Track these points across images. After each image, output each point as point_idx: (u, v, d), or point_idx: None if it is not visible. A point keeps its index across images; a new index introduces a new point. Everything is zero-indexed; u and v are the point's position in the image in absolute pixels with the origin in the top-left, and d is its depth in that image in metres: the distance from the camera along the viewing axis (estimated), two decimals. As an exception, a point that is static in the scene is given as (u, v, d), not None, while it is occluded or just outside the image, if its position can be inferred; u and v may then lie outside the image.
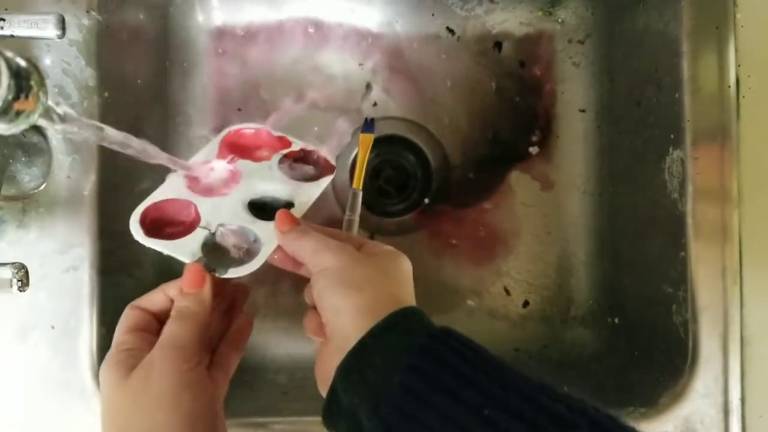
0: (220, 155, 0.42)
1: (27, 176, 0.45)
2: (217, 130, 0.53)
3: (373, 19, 0.60)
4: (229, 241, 0.38)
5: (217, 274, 0.36)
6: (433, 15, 0.60)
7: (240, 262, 0.37)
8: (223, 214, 0.39)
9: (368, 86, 0.60)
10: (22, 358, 0.44)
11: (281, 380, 0.56)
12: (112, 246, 0.46)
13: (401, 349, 0.30)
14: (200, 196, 0.40)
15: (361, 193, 0.47)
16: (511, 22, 0.60)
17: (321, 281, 0.33)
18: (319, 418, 0.32)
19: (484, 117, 0.60)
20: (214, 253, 0.37)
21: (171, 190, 0.40)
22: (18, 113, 0.25)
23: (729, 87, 0.45)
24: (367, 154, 0.51)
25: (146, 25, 0.55)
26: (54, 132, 0.42)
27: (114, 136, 0.33)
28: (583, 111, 0.60)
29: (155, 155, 0.35)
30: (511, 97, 0.60)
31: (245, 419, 0.47)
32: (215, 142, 0.43)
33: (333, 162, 0.43)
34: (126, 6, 0.51)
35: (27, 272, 0.35)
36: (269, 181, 0.42)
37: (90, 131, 0.31)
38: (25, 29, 0.35)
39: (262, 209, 0.40)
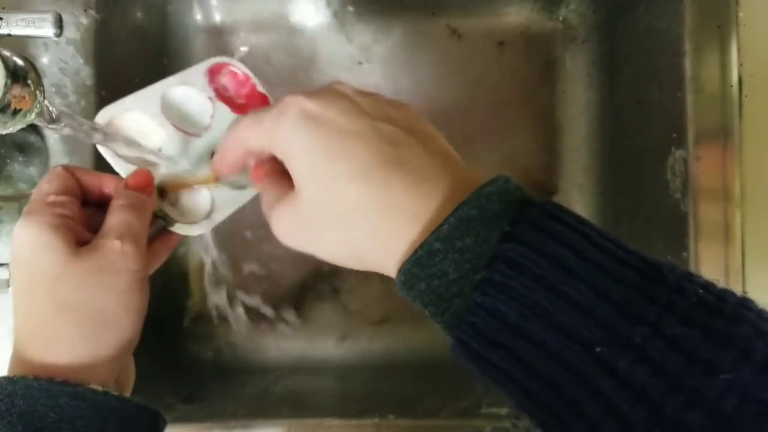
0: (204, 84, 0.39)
1: (24, 176, 0.44)
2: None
3: (373, 17, 0.60)
4: None
5: (164, 223, 0.34)
6: (433, 14, 0.59)
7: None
8: (189, 155, 0.37)
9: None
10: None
11: (274, 383, 0.56)
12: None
13: (476, 257, 0.24)
14: (171, 125, 0.36)
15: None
16: (512, 20, 0.60)
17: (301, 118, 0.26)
18: (313, 421, 0.31)
19: (485, 116, 0.60)
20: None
21: (144, 105, 0.36)
22: (15, 112, 0.25)
23: (731, 86, 0.45)
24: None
25: (144, 23, 0.54)
26: (50, 131, 0.42)
27: (109, 137, 0.32)
28: (584, 110, 0.60)
29: (149, 154, 0.35)
30: (512, 97, 0.60)
31: (238, 422, 0.46)
32: (200, 69, 0.40)
33: None
34: (124, 4, 0.50)
35: (24, 273, 0.34)
36: None
37: (84, 131, 0.30)
38: (22, 28, 0.34)
39: None
